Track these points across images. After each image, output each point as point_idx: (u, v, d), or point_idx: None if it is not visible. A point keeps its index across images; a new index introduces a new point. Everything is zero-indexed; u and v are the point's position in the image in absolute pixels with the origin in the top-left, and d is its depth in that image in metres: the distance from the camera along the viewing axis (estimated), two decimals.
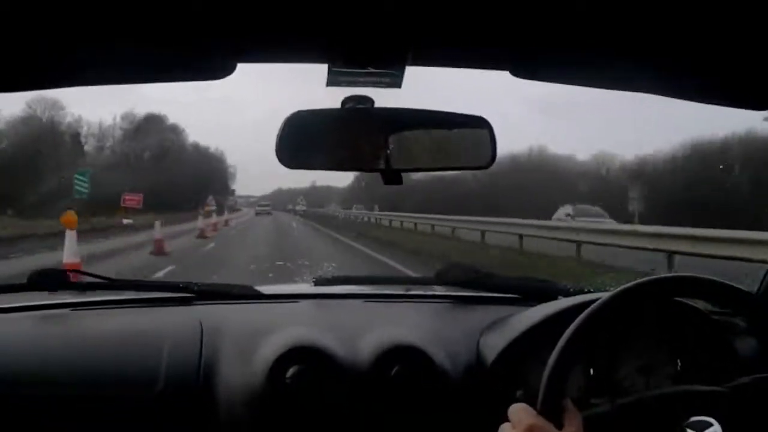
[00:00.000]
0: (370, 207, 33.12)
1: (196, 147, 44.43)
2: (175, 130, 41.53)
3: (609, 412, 0.98)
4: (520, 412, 0.90)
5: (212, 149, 47.19)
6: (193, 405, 1.26)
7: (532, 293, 1.59)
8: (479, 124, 1.06)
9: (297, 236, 20.10)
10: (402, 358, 1.27)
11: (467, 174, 27.21)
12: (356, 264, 11.50)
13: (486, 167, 1.07)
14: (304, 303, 1.65)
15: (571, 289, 1.62)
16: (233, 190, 47.50)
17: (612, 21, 0.86)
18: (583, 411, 0.93)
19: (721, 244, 8.50)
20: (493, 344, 1.33)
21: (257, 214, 37.29)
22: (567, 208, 20.49)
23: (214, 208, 23.75)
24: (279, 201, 52.39)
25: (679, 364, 1.27)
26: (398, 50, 0.92)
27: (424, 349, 1.29)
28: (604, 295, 1.00)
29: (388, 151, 1.01)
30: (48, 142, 29.94)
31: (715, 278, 1.02)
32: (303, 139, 1.00)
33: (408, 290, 1.77)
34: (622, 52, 0.96)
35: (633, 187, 19.09)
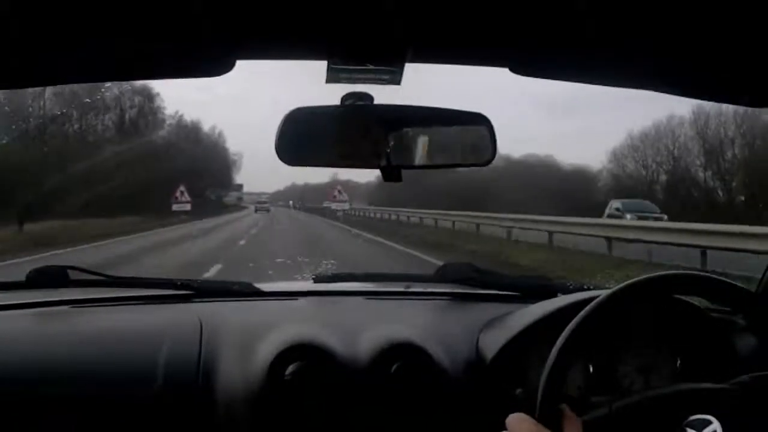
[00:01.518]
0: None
1: (180, 121, 29.97)
2: (147, 95, 27.56)
3: (608, 415, 0.98)
4: (518, 422, 0.89)
5: (206, 128, 33.07)
6: (192, 402, 1.26)
7: (531, 291, 1.59)
8: (479, 120, 1.06)
9: None
10: (401, 355, 1.27)
11: None
12: None
13: (486, 164, 1.07)
14: (303, 300, 1.65)
15: (571, 287, 1.62)
16: (240, 185, 38.00)
17: (611, 18, 0.86)
18: (582, 411, 0.93)
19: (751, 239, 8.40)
20: (493, 342, 1.33)
21: (257, 211, 35.60)
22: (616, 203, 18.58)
23: (186, 207, 15.59)
24: (292, 198, 45.70)
25: (679, 362, 1.28)
26: (398, 47, 0.92)
27: (423, 346, 1.29)
28: (603, 293, 1.00)
29: (388, 148, 1.01)
30: None
31: (713, 276, 1.02)
32: (303, 136, 1.00)
33: (408, 287, 1.77)
34: (621, 49, 0.96)
35: None
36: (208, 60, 0.97)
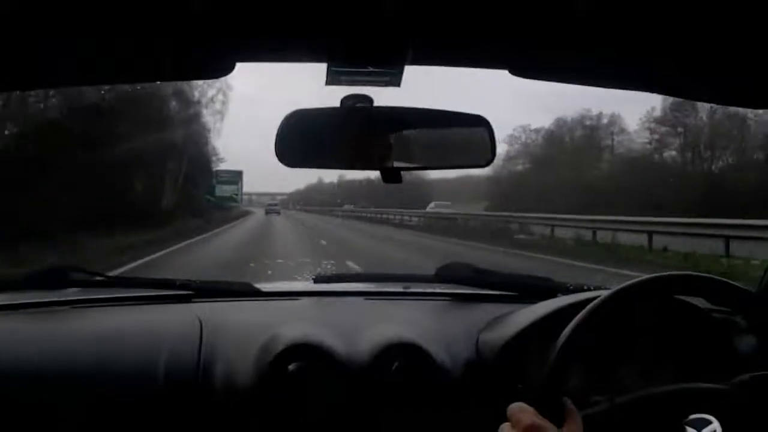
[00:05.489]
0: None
1: None
2: None
3: (608, 411, 0.98)
4: (519, 412, 0.90)
5: None
6: (192, 402, 1.26)
7: (531, 291, 1.59)
8: (478, 122, 1.06)
9: None
10: (402, 355, 1.27)
11: None
12: None
13: (485, 165, 1.08)
14: (304, 300, 1.65)
15: (571, 287, 1.62)
16: (238, 172, 24.71)
17: (610, 20, 0.86)
18: (582, 409, 0.94)
19: None
20: (493, 341, 1.33)
21: (267, 213, 33.90)
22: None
23: None
24: (313, 198, 39.63)
25: (679, 362, 1.28)
26: (397, 49, 0.92)
27: (423, 346, 1.29)
28: (604, 293, 1.00)
29: (388, 150, 1.01)
30: None
31: (714, 276, 1.02)
32: (302, 138, 1.00)
33: (408, 288, 1.77)
34: (620, 51, 0.96)
35: None
36: (208, 62, 0.97)
